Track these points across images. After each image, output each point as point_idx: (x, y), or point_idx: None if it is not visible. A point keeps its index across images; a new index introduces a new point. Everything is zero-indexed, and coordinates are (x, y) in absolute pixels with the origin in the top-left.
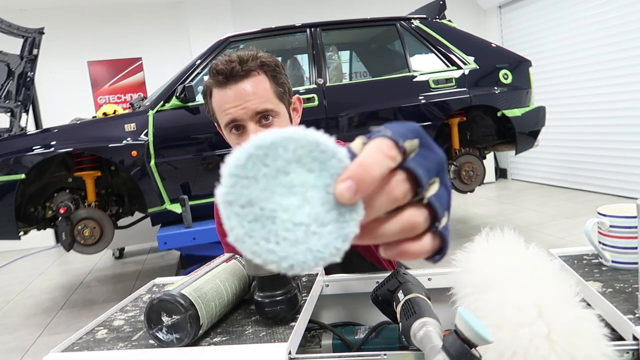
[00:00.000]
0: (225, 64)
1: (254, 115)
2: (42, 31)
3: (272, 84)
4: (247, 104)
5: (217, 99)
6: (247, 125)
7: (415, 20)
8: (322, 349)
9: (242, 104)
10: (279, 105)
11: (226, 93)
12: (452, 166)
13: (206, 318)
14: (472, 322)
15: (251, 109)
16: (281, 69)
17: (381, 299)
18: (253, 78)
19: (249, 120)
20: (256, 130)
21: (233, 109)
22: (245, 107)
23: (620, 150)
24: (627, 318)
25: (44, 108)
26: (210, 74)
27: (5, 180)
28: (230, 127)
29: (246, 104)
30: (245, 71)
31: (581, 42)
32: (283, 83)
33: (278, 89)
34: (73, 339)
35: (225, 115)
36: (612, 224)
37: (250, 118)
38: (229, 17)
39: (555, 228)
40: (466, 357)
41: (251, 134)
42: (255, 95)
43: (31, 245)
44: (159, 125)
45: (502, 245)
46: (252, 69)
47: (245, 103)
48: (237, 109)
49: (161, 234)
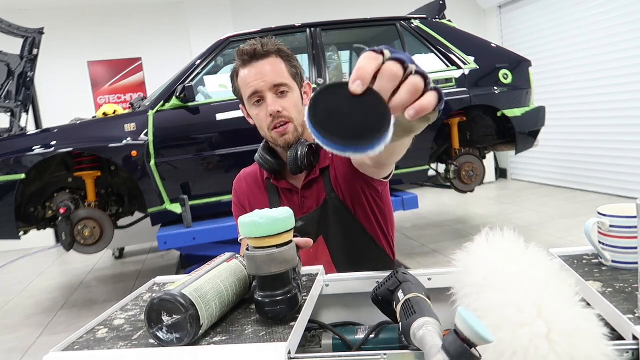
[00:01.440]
0: (249, 46)
1: (272, 87)
2: (42, 31)
3: (286, 66)
4: (266, 77)
5: (242, 76)
6: (266, 96)
7: (415, 20)
8: (322, 348)
9: (263, 78)
10: (293, 83)
11: (249, 70)
12: (452, 166)
13: (206, 318)
14: (472, 322)
15: (269, 82)
16: (294, 56)
17: (381, 299)
18: (271, 59)
19: (267, 91)
20: (273, 100)
21: (255, 82)
22: (265, 80)
23: (620, 150)
24: (627, 318)
25: (44, 108)
26: (236, 56)
27: (5, 180)
28: (253, 99)
29: (265, 78)
30: (265, 52)
31: (581, 42)
32: (296, 66)
33: (292, 69)
34: (73, 338)
35: (249, 87)
36: (612, 224)
37: (269, 89)
38: (229, 17)
39: (555, 228)
40: (466, 357)
41: (269, 102)
42: (273, 72)
43: (31, 245)
44: (159, 125)
45: (502, 245)
46: (271, 51)
47: (264, 77)
48: (258, 82)
49: (161, 234)
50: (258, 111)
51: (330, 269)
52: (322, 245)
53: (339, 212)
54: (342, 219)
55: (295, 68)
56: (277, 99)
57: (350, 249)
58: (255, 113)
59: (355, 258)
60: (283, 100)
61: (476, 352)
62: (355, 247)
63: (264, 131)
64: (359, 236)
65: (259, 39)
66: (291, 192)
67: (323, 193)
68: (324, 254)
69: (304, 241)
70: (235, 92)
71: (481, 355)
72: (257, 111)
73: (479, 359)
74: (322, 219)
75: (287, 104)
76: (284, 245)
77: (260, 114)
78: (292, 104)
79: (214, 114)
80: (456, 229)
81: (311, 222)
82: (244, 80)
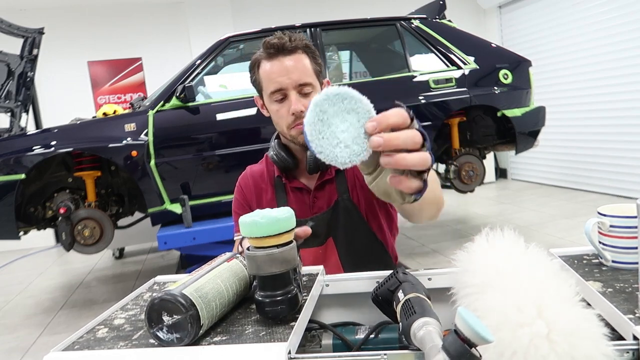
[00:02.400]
0: (277, 39)
1: (297, 86)
2: (42, 31)
3: (312, 63)
4: (292, 75)
5: (266, 69)
6: (289, 94)
7: (415, 20)
8: (322, 349)
9: (288, 75)
10: (316, 81)
11: (275, 64)
12: (452, 166)
13: (207, 318)
14: (472, 322)
15: (295, 80)
16: (318, 54)
17: (381, 299)
18: (298, 55)
19: (292, 89)
20: (296, 99)
21: (280, 78)
22: (290, 78)
23: (620, 150)
24: (627, 318)
25: (44, 108)
26: (263, 47)
27: (5, 180)
28: (275, 94)
29: (291, 75)
30: (293, 47)
31: (581, 42)
32: (320, 64)
33: (316, 67)
34: (73, 338)
35: (272, 83)
36: (612, 224)
37: (293, 87)
38: (229, 17)
39: (555, 228)
40: (466, 357)
41: (292, 101)
42: (298, 69)
43: (31, 245)
44: (159, 125)
45: (502, 246)
46: (299, 46)
47: (290, 74)
48: (283, 78)
49: (161, 234)
50: (279, 107)
51: (339, 270)
52: (331, 247)
53: (349, 214)
54: (352, 221)
55: (319, 65)
56: (300, 98)
57: (358, 252)
58: (276, 109)
59: (363, 260)
60: (306, 100)
61: (476, 352)
62: (363, 249)
63: (281, 127)
64: (368, 239)
65: (288, 33)
66: (302, 192)
67: (335, 194)
68: (333, 255)
69: (302, 230)
70: (255, 82)
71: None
72: (278, 107)
73: (479, 359)
74: (333, 220)
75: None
76: (285, 245)
77: (281, 111)
78: None
79: (214, 114)
80: (456, 229)
81: (321, 222)
82: (268, 74)
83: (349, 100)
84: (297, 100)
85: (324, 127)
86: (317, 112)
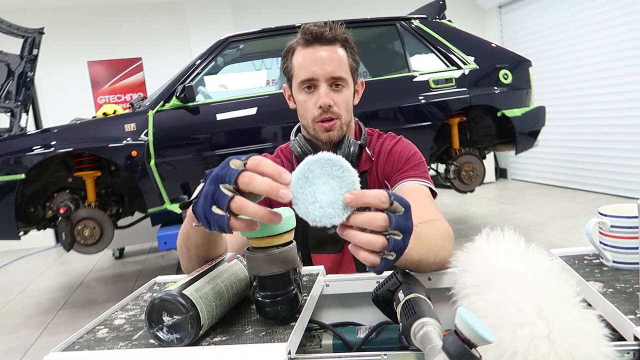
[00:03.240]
0: (317, 27)
1: (329, 79)
2: (42, 31)
3: (349, 58)
4: (326, 66)
5: (300, 56)
6: (320, 85)
7: (415, 20)
8: (322, 349)
9: (322, 65)
10: (350, 78)
11: (310, 52)
12: (452, 166)
13: (207, 318)
14: (472, 322)
15: (328, 72)
16: (356, 51)
17: (381, 299)
18: (336, 47)
19: (323, 81)
20: (326, 92)
21: (313, 67)
22: (324, 69)
23: (620, 150)
24: (628, 318)
25: (44, 108)
26: (300, 33)
27: (5, 180)
28: (304, 84)
29: (325, 66)
30: (332, 38)
31: (581, 42)
32: (357, 61)
33: (353, 64)
34: (73, 338)
35: (304, 71)
36: (613, 224)
37: (325, 80)
38: (229, 17)
39: (556, 228)
40: (466, 357)
41: (322, 94)
42: (334, 62)
43: (31, 245)
44: (159, 125)
45: (503, 246)
46: (338, 38)
47: (325, 65)
48: (317, 68)
49: (161, 234)
50: (306, 98)
51: None
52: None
53: None
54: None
55: (357, 63)
56: (330, 92)
57: None
58: (303, 100)
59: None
60: (336, 95)
61: (476, 353)
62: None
63: (307, 120)
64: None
65: (329, 22)
66: None
67: None
68: (350, 263)
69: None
70: (285, 70)
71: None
72: (305, 98)
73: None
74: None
75: (340, 100)
76: (285, 246)
77: (308, 102)
78: (344, 101)
79: (214, 114)
80: (456, 229)
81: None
82: (301, 61)
83: (337, 168)
84: (327, 94)
85: (306, 184)
86: (305, 170)
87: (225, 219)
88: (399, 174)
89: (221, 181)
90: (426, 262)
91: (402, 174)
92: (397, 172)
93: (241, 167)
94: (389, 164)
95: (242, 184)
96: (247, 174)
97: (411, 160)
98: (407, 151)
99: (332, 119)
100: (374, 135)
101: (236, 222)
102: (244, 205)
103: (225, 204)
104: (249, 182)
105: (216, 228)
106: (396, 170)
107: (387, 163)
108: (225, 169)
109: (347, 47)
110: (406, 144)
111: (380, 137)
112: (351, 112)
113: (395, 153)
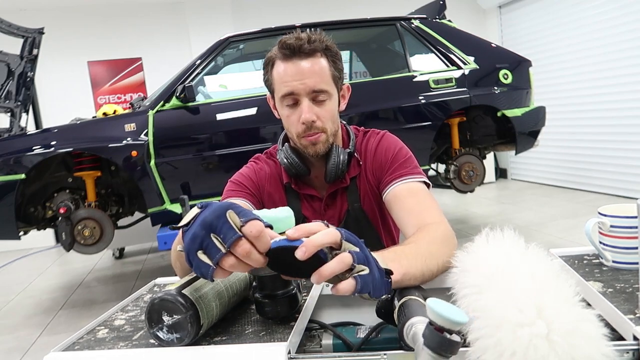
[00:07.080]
0: (295, 39)
1: (310, 92)
2: (42, 31)
3: (331, 68)
4: (306, 80)
5: (280, 70)
6: (302, 100)
7: (415, 20)
8: (322, 348)
9: (302, 79)
10: (333, 88)
11: (289, 66)
12: (452, 166)
13: (207, 318)
14: (440, 310)
15: (309, 86)
16: (340, 57)
17: (384, 311)
18: (316, 58)
19: (305, 95)
20: (309, 107)
21: (292, 83)
22: (304, 83)
23: (620, 150)
24: (628, 318)
25: (44, 108)
26: (278, 46)
27: (5, 180)
28: (286, 99)
29: (305, 80)
30: (311, 50)
31: (581, 42)
32: (340, 69)
33: (335, 73)
34: (74, 339)
35: (284, 86)
36: (612, 224)
37: (306, 94)
38: (229, 17)
39: (556, 228)
40: (446, 345)
41: (304, 109)
42: (315, 74)
43: (31, 245)
44: (159, 125)
45: (502, 246)
46: (317, 49)
47: (305, 79)
48: (297, 83)
49: (161, 234)
50: (289, 113)
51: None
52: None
53: (359, 223)
54: (362, 232)
55: (339, 71)
56: (313, 106)
57: None
58: (286, 114)
59: None
60: (319, 109)
61: (456, 337)
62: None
63: (291, 134)
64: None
65: (307, 32)
66: (313, 199)
67: (346, 203)
68: None
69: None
70: (267, 82)
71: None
72: (289, 113)
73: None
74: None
75: (323, 113)
76: None
77: (291, 117)
78: (328, 114)
79: (214, 114)
80: (456, 229)
81: None
82: (281, 76)
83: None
84: (309, 109)
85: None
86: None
87: (211, 270)
88: (389, 175)
89: (213, 231)
90: (429, 273)
91: (392, 174)
92: (386, 173)
93: (239, 225)
94: (377, 163)
95: (239, 254)
96: (246, 247)
97: (398, 157)
98: (393, 148)
99: (317, 132)
100: (359, 135)
101: (220, 272)
102: (236, 266)
103: (215, 258)
104: (246, 256)
105: (198, 273)
106: (385, 170)
107: (374, 163)
108: (221, 222)
109: (328, 56)
110: (391, 140)
111: (365, 135)
112: (337, 122)
113: (381, 151)
